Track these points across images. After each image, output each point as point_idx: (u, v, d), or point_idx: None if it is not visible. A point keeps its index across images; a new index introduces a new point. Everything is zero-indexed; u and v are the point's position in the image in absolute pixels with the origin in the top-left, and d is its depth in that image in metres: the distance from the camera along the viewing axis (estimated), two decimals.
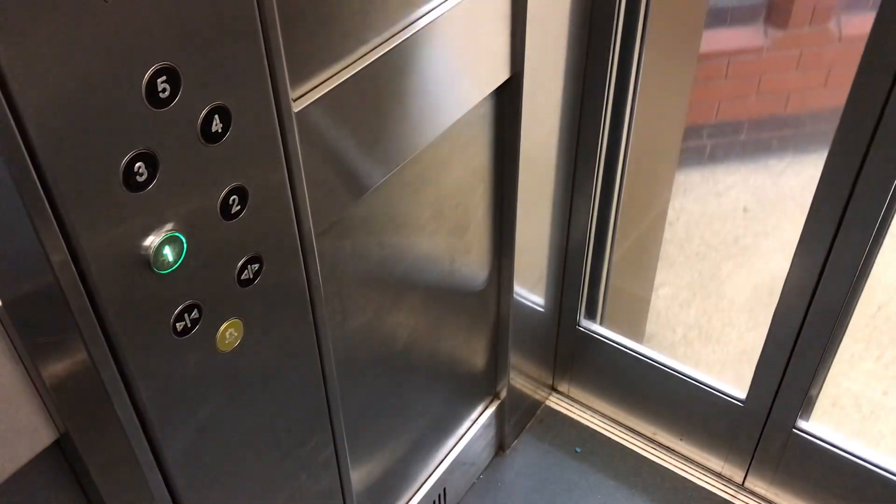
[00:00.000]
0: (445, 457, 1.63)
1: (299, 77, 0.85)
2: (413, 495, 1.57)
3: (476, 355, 1.60)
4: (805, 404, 1.56)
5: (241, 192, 0.74)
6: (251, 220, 0.77)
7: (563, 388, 1.97)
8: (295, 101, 0.84)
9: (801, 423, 1.59)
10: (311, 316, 0.92)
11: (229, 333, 0.80)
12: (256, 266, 0.80)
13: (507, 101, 1.26)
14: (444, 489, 1.65)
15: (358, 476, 1.35)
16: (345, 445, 1.14)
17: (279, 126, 0.76)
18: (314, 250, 0.88)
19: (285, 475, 1.00)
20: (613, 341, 1.78)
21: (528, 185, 1.40)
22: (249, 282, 0.80)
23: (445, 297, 1.38)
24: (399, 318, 1.27)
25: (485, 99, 1.21)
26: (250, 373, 0.86)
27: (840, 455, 1.56)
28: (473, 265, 1.42)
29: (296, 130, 0.79)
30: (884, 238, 1.31)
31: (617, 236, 1.67)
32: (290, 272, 0.86)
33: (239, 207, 0.75)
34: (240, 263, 0.77)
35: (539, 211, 1.52)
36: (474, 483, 1.79)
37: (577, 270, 1.71)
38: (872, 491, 1.56)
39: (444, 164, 1.20)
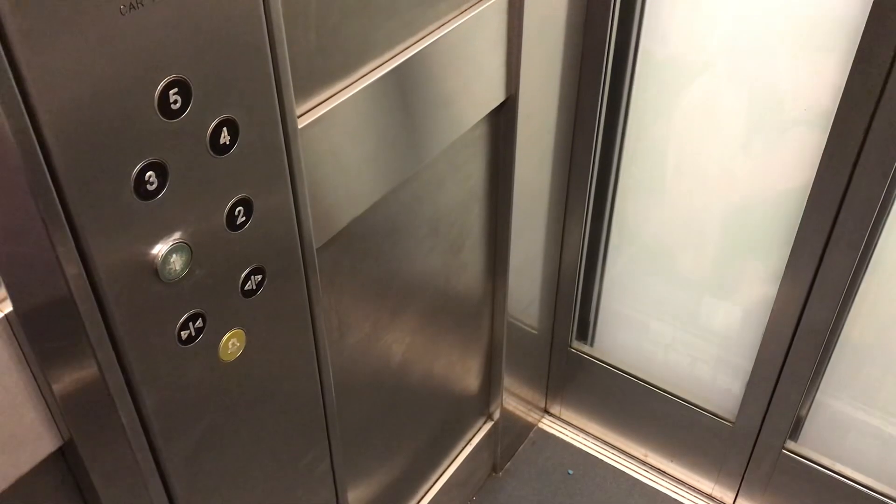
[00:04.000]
0: (440, 477, 1.64)
1: (304, 94, 0.87)
2: None
3: (470, 375, 1.61)
4: (794, 425, 1.58)
5: (246, 203, 0.76)
6: (256, 231, 0.78)
7: (555, 410, 1.98)
8: (300, 116, 0.86)
9: (791, 444, 1.61)
10: (311, 328, 0.93)
11: (232, 343, 0.81)
12: (259, 277, 0.81)
13: (502, 123, 1.29)
14: None
15: (354, 494, 1.35)
16: (341, 461, 1.14)
17: (285, 140, 0.78)
18: (315, 263, 0.90)
19: (282, 487, 1.01)
20: (605, 362, 1.80)
21: (522, 206, 1.42)
22: (252, 292, 0.81)
23: (441, 316, 1.40)
24: (395, 336, 1.28)
25: (482, 120, 1.24)
26: (251, 383, 0.88)
27: (829, 476, 1.58)
28: (468, 285, 1.44)
29: (300, 145, 0.81)
30: (870, 259, 1.34)
31: (608, 258, 1.69)
32: (291, 284, 0.87)
33: (244, 219, 0.77)
34: (244, 274, 0.79)
35: (532, 232, 1.54)
36: None
37: (569, 292, 1.73)
38: None
39: (440, 183, 1.22)
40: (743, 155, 1.38)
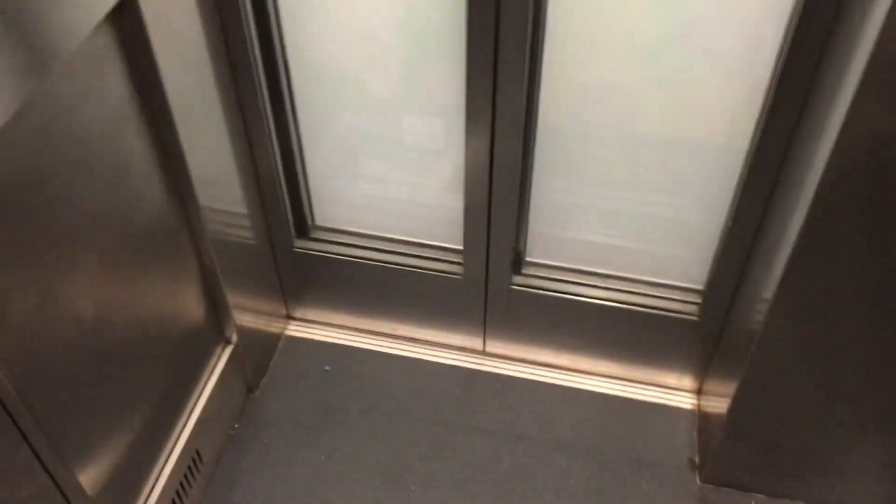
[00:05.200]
0: (188, 419, 1.54)
1: None
2: (162, 469, 1.47)
3: (190, 306, 1.50)
4: (515, 261, 1.65)
5: None
6: None
7: (298, 313, 1.93)
8: None
9: (517, 279, 1.68)
10: None
11: None
12: None
13: (129, 28, 1.14)
14: (197, 451, 1.57)
15: (91, 470, 1.22)
16: (46, 445, 1.02)
17: None
18: None
19: None
20: (330, 253, 1.76)
21: (188, 115, 1.30)
22: None
23: (130, 254, 1.26)
24: (77, 292, 1.13)
25: (100, 29, 1.08)
26: None
27: (556, 297, 1.68)
28: (153, 214, 1.31)
29: None
30: (538, 86, 1.37)
31: (304, 146, 1.62)
32: None
33: None
34: None
35: (212, 139, 1.42)
36: (231, 434, 1.72)
37: (273, 192, 1.64)
38: (590, 319, 1.71)
39: (72, 108, 1.06)
40: None
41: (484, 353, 1.86)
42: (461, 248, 1.65)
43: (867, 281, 1.20)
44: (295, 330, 1.93)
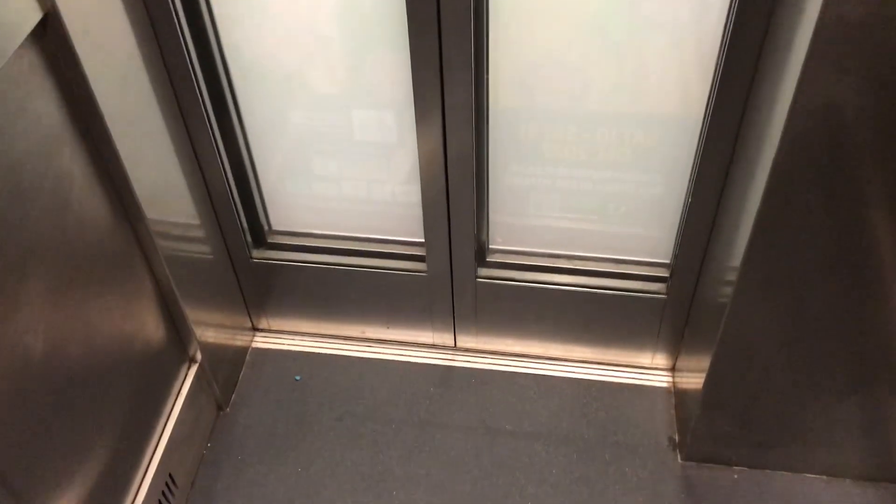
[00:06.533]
0: (158, 444, 1.49)
1: None
2: (136, 496, 1.42)
3: (149, 328, 1.45)
4: (478, 254, 1.62)
5: None
6: None
7: (263, 324, 1.89)
8: None
9: (482, 271, 1.65)
10: None
11: None
12: None
13: (54, 46, 1.09)
14: (171, 475, 1.52)
15: (61, 501, 1.18)
16: (4, 486, 0.97)
17: None
18: None
19: None
20: (290, 261, 1.72)
21: (127, 130, 1.25)
22: None
23: (80, 282, 1.22)
24: (24, 326, 1.08)
25: (24, 49, 1.03)
26: None
27: (523, 286, 1.66)
28: (99, 233, 1.26)
29: None
30: (486, 70, 1.34)
31: (253, 151, 1.58)
32: None
33: None
34: None
35: (155, 153, 1.37)
36: (204, 455, 1.67)
37: (226, 201, 1.60)
38: (559, 305, 1.69)
39: (1, 133, 1.01)
40: None
41: (455, 348, 1.83)
42: (422, 240, 1.62)
43: (831, 246, 1.20)
44: (261, 342, 1.89)
